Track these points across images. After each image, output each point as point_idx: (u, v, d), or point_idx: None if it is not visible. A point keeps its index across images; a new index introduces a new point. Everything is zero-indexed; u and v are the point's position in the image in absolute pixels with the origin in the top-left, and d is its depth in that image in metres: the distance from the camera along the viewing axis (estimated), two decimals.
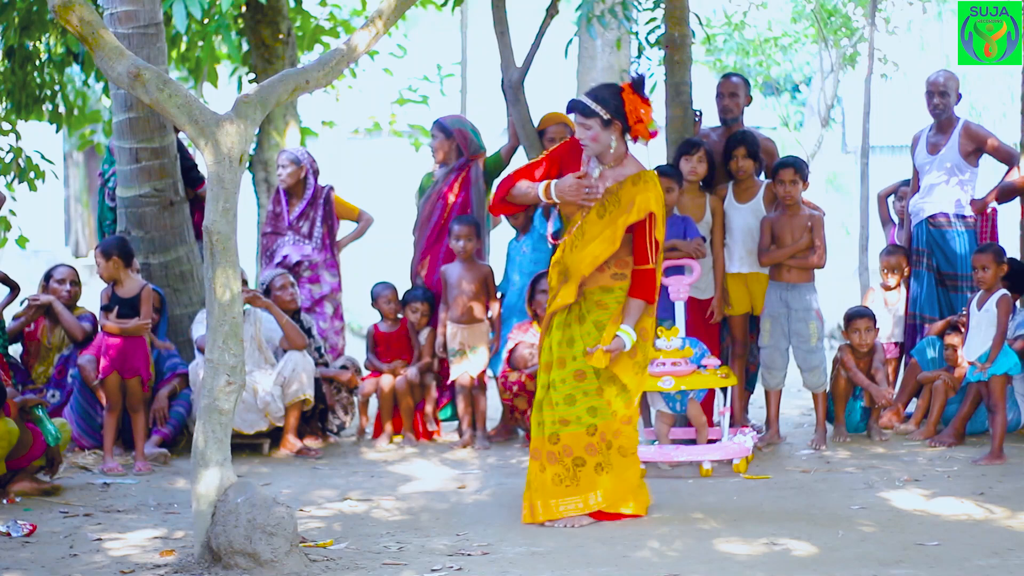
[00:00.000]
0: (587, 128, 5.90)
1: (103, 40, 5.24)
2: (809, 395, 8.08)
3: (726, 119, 8.16)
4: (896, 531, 5.63)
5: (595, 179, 5.94)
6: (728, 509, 6.13)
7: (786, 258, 7.69)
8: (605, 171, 5.98)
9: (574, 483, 5.92)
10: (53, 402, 7.78)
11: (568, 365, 5.96)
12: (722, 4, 16.11)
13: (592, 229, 5.92)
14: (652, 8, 9.30)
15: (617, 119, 5.89)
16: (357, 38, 5.64)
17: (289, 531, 5.01)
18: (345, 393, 8.36)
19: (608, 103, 5.89)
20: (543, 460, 5.97)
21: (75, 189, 23.57)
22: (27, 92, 11.08)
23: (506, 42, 8.39)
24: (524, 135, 8.35)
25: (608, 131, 5.90)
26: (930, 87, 8.30)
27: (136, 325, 7.48)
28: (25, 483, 6.64)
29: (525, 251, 8.37)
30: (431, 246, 8.58)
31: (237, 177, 5.20)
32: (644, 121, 5.94)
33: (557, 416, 5.95)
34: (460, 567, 5.12)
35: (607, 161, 5.98)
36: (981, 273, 7.50)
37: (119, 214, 8.47)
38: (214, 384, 5.15)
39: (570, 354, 5.97)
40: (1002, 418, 7.25)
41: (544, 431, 5.99)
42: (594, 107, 5.88)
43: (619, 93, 5.93)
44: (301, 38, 12.88)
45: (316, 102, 16.62)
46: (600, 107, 5.88)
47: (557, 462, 5.93)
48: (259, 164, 11.73)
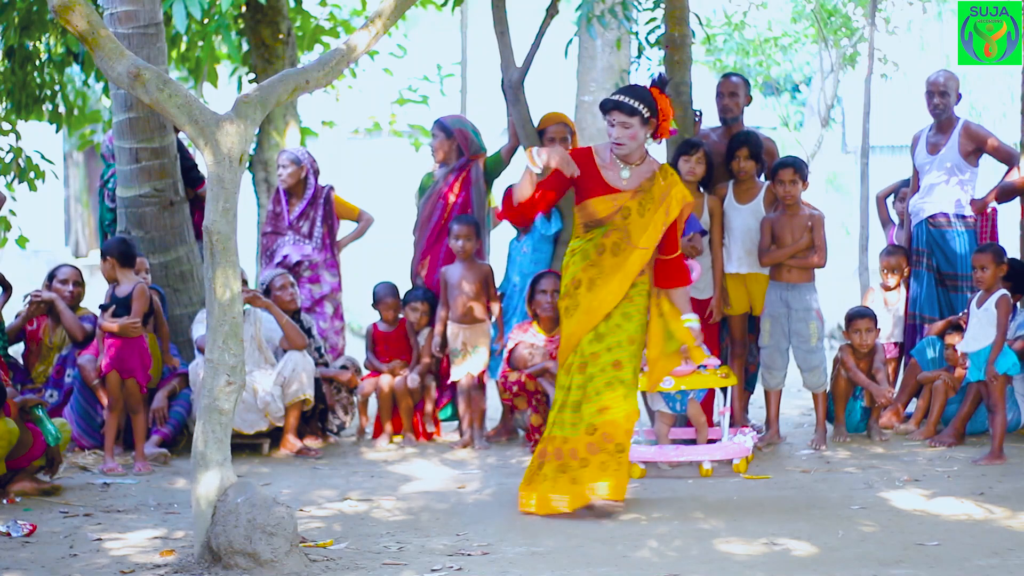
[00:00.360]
0: (627, 127, 6.00)
1: (103, 40, 5.24)
2: (809, 395, 8.08)
3: (726, 119, 8.16)
4: (896, 531, 5.63)
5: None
6: (728, 509, 6.13)
7: (786, 258, 7.69)
8: (633, 169, 6.08)
9: (619, 468, 6.05)
10: (52, 402, 7.78)
11: (603, 357, 6.06)
12: (722, 4, 16.12)
13: (636, 229, 6.04)
14: (652, 8, 9.30)
15: (653, 118, 6.02)
16: (357, 38, 5.64)
17: (289, 531, 5.01)
18: (345, 393, 8.36)
19: (648, 101, 6.01)
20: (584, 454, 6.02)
21: (75, 189, 23.56)
22: (27, 92, 11.08)
23: (506, 42, 8.39)
24: (524, 135, 8.34)
25: (645, 129, 6.03)
26: (930, 87, 8.30)
27: (124, 324, 7.43)
28: (25, 483, 6.64)
29: (525, 251, 8.37)
30: (431, 246, 8.58)
31: (237, 177, 5.20)
32: (669, 120, 6.10)
33: (596, 407, 6.02)
34: (460, 567, 5.12)
35: (634, 160, 6.09)
36: (980, 273, 7.50)
37: (119, 214, 8.46)
38: (214, 384, 5.15)
39: (603, 347, 6.07)
40: (1002, 418, 7.25)
41: (579, 428, 6.04)
42: (637, 105, 5.99)
43: (650, 93, 6.05)
44: (301, 38, 12.88)
45: (316, 102, 16.62)
46: (643, 105, 5.99)
47: (600, 451, 6.02)
48: (259, 164, 11.73)
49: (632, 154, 6.07)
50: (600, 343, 6.07)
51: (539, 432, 7.80)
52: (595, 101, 12.10)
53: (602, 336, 6.07)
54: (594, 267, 6.09)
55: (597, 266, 6.08)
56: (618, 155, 6.08)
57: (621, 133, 6.01)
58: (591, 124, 12.09)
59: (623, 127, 6.00)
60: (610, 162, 6.10)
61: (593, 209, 6.08)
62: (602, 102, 6.13)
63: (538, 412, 7.82)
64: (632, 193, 6.07)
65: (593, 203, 6.07)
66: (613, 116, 6.01)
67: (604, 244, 6.08)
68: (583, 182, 6.09)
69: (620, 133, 6.01)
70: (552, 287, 7.88)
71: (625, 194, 6.07)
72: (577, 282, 6.12)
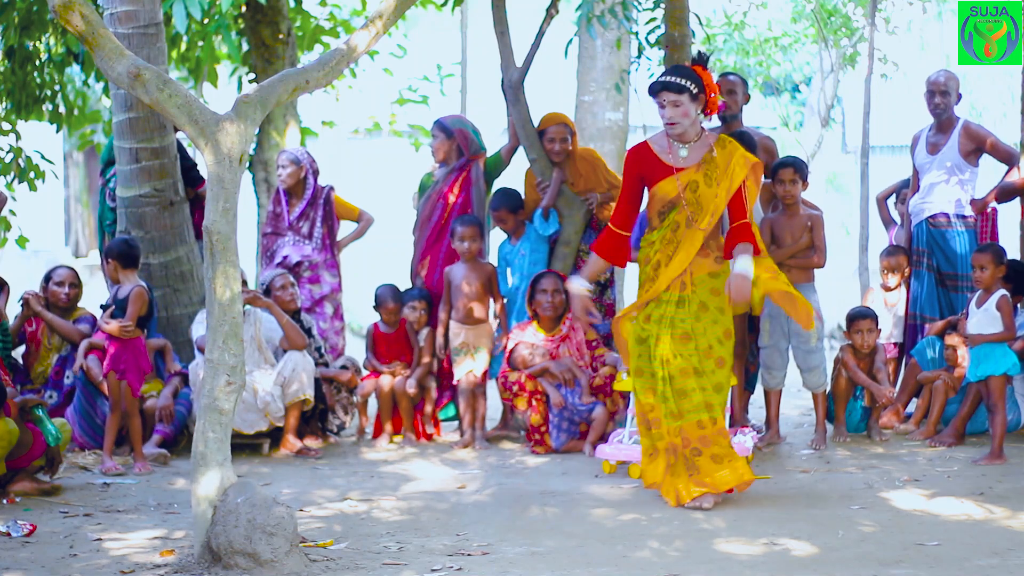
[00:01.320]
0: (677, 105, 6.08)
1: (103, 40, 5.24)
2: (809, 395, 8.08)
3: (725, 116, 8.17)
4: (896, 531, 5.63)
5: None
6: (728, 509, 6.13)
7: (786, 258, 7.69)
8: (691, 147, 6.17)
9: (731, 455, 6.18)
10: (51, 403, 7.78)
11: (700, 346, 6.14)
12: (722, 4, 16.11)
13: (707, 199, 6.11)
14: (652, 8, 9.30)
15: (701, 93, 6.11)
16: (357, 38, 5.64)
17: (289, 531, 5.01)
18: (345, 393, 8.36)
19: (694, 78, 6.11)
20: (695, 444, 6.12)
21: (75, 189, 23.55)
22: (27, 92, 11.08)
23: (506, 42, 8.39)
24: (524, 135, 8.34)
25: (696, 105, 6.11)
26: (931, 86, 8.30)
27: (116, 326, 7.41)
28: (25, 483, 6.64)
29: (523, 253, 8.38)
30: (431, 246, 8.57)
31: (237, 177, 5.20)
32: (717, 94, 6.21)
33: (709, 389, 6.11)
34: (460, 567, 5.12)
35: (691, 138, 6.18)
36: (979, 273, 7.50)
37: (119, 214, 8.47)
38: (214, 384, 5.15)
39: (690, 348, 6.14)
40: (1002, 418, 7.25)
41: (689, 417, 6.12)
42: (684, 83, 6.08)
43: (693, 71, 6.15)
44: (301, 38, 12.87)
45: (316, 102, 16.61)
46: (690, 82, 6.08)
47: (713, 444, 6.12)
48: (259, 164, 11.73)
49: (687, 132, 6.15)
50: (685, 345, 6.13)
51: (539, 432, 7.81)
52: (595, 101, 12.10)
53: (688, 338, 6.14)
54: (669, 244, 6.18)
55: (673, 243, 6.18)
56: (673, 135, 6.17)
57: (673, 112, 6.10)
58: (591, 124, 12.07)
59: (674, 106, 6.09)
60: (668, 147, 6.21)
61: (662, 193, 6.17)
62: (650, 86, 6.22)
63: (538, 412, 7.82)
64: (696, 167, 6.17)
65: (660, 187, 6.17)
66: (663, 97, 6.11)
67: (678, 221, 6.16)
68: (647, 174, 6.19)
69: (672, 112, 6.10)
70: (552, 287, 7.89)
71: (689, 170, 6.16)
72: (656, 264, 6.20)
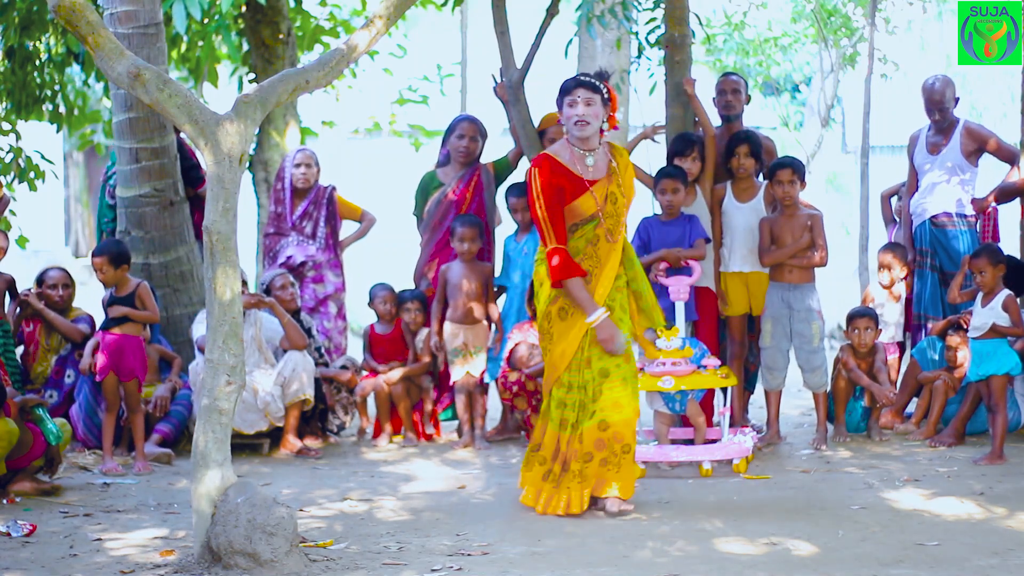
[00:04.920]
0: (590, 104, 6.04)
1: (103, 40, 5.24)
2: (809, 395, 8.08)
3: (728, 115, 8.17)
4: (896, 531, 5.63)
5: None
6: (728, 509, 6.13)
7: (787, 258, 7.69)
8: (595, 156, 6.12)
9: (616, 468, 6.03)
10: (51, 403, 7.77)
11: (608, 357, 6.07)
12: (722, 4, 16.12)
13: (624, 210, 6.13)
14: (652, 8, 9.30)
15: (607, 104, 6.11)
16: (357, 38, 5.64)
17: (289, 531, 5.01)
18: (345, 393, 8.36)
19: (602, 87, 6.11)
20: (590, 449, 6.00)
21: (75, 189, 23.57)
22: (27, 92, 11.08)
23: (506, 42, 8.38)
24: (524, 135, 8.34)
25: (604, 111, 6.10)
26: (927, 97, 8.26)
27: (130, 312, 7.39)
28: (25, 483, 6.64)
29: (526, 252, 8.36)
30: (440, 250, 8.52)
31: (237, 177, 5.20)
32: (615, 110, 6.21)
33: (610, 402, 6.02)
34: (460, 567, 5.12)
35: (594, 145, 6.13)
36: (980, 277, 7.48)
37: (119, 214, 8.46)
38: (214, 384, 5.15)
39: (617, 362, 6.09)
40: (1002, 418, 7.24)
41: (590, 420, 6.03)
42: (600, 84, 6.08)
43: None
44: (301, 38, 12.87)
45: (316, 102, 16.61)
46: (603, 87, 6.09)
47: (606, 448, 6.02)
48: (259, 164, 11.73)
49: (591, 138, 6.08)
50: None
51: None
52: None
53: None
54: (589, 259, 6.08)
55: (593, 257, 6.08)
56: (580, 137, 6.06)
57: (586, 111, 6.03)
58: None
59: (587, 104, 6.03)
60: (572, 157, 6.11)
61: (581, 208, 6.06)
62: (564, 84, 6.14)
63: (538, 412, 7.81)
64: (607, 178, 6.11)
65: (579, 203, 6.05)
66: (577, 95, 6.04)
67: (597, 235, 6.08)
68: (567, 187, 6.04)
69: (585, 110, 6.03)
70: None
71: (601, 182, 6.10)
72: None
